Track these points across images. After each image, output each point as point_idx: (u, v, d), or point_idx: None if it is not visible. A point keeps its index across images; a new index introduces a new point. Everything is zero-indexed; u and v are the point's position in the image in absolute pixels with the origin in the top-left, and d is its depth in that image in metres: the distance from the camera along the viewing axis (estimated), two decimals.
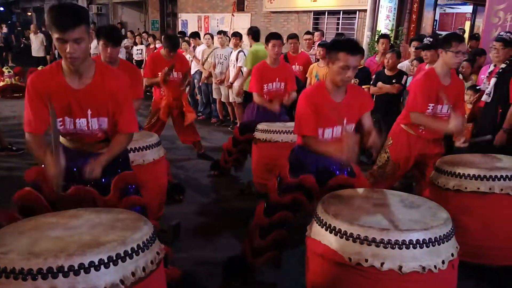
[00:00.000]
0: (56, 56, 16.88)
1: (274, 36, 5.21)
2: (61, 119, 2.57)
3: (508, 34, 4.74)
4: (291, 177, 3.18)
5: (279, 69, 5.27)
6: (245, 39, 8.69)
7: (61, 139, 2.73)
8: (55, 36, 2.35)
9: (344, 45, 2.97)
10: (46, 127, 2.58)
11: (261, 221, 3.22)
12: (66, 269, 1.80)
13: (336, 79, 3.00)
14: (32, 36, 16.80)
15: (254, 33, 7.95)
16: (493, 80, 4.75)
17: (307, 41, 8.24)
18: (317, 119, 3.08)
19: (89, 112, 2.59)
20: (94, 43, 7.23)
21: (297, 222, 3.25)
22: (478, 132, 4.87)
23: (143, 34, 14.30)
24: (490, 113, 4.78)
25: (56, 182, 2.41)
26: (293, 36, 7.80)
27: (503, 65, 4.72)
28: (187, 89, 6.79)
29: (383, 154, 4.17)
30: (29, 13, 32.44)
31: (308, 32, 8.79)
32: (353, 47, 2.95)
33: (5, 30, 19.28)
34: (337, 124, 3.14)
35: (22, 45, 18.85)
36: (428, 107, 3.79)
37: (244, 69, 8.23)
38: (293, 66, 7.32)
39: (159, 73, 5.83)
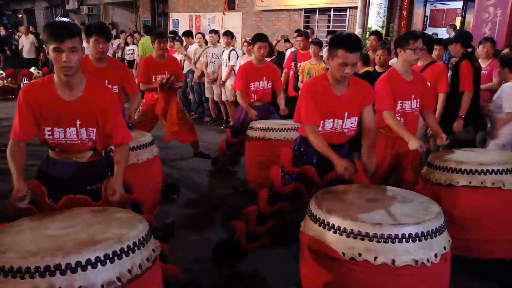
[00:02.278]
0: (48, 58, 16.84)
1: (260, 39, 5.32)
2: (49, 128, 2.68)
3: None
4: (294, 165, 3.29)
5: (265, 68, 5.38)
6: (237, 37, 8.69)
7: (50, 152, 2.83)
8: (51, 47, 2.49)
9: (343, 42, 3.00)
10: (30, 137, 2.70)
11: (264, 209, 3.33)
12: (63, 267, 1.83)
13: (336, 75, 3.06)
14: (23, 37, 16.71)
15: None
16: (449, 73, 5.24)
17: (299, 42, 7.94)
18: (318, 110, 3.12)
19: (78, 122, 2.68)
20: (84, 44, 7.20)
21: (291, 218, 3.29)
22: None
23: (135, 34, 14.27)
24: (451, 104, 5.17)
25: (15, 198, 2.45)
26: (302, 34, 7.77)
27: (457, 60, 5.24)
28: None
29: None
30: (20, 15, 32.28)
31: (299, 32, 8.48)
32: (351, 44, 2.98)
33: (3, 32, 19.09)
34: (337, 117, 3.17)
35: (14, 47, 18.69)
36: (397, 104, 3.84)
37: (237, 68, 8.25)
38: (299, 64, 7.32)
39: (153, 76, 5.84)
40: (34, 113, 2.63)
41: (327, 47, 3.24)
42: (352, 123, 3.24)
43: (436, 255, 2.39)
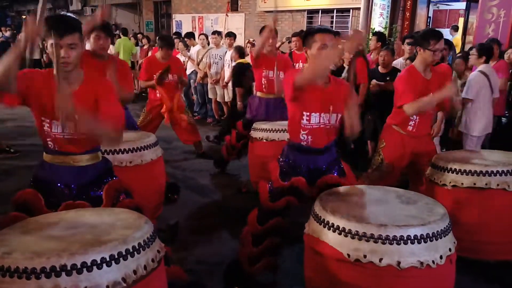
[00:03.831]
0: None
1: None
2: (48, 120, 2.62)
3: None
4: (282, 179, 3.14)
5: (277, 58, 5.39)
6: (240, 38, 8.69)
7: (46, 156, 2.74)
8: (50, 42, 2.45)
9: (316, 28, 3.09)
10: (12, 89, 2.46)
11: (255, 229, 3.16)
12: (69, 268, 1.82)
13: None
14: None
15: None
16: None
17: (295, 42, 7.77)
18: (304, 101, 3.06)
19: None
20: None
21: (292, 221, 3.27)
22: None
23: (138, 35, 14.29)
24: None
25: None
26: (298, 34, 7.78)
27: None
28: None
29: (377, 157, 4.17)
30: (24, 16, 32.32)
31: (295, 34, 8.16)
32: (325, 28, 3.06)
33: (7, 33, 19.12)
34: (323, 110, 3.10)
35: None
36: None
37: None
38: (297, 64, 7.32)
39: (154, 76, 5.85)
40: (29, 93, 2.53)
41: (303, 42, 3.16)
42: (337, 120, 3.15)
43: (441, 257, 2.38)
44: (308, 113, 3.10)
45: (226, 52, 8.69)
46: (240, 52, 8.14)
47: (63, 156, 2.70)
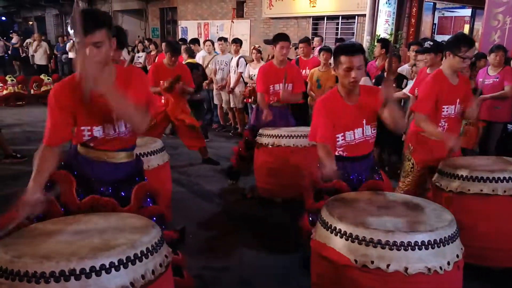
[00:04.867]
0: (58, 65, 16.96)
1: (283, 38, 5.12)
2: (89, 127, 2.52)
3: None
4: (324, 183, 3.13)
5: (285, 70, 5.12)
6: (245, 45, 8.73)
7: (80, 148, 2.64)
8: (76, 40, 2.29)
9: (343, 48, 3.10)
10: (64, 140, 2.52)
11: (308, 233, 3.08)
12: (78, 272, 1.84)
13: (344, 82, 3.07)
14: (35, 44, 16.87)
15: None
16: None
17: (302, 48, 7.97)
18: (334, 125, 3.11)
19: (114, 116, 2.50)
20: None
21: (299, 227, 3.28)
22: None
23: (146, 42, 14.37)
24: None
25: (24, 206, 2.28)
26: (305, 40, 7.79)
27: None
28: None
29: (407, 163, 4.03)
30: (31, 22, 32.54)
31: (302, 40, 8.31)
32: (352, 48, 3.07)
33: (15, 40, 19.26)
34: (355, 127, 3.15)
35: (24, 54, 18.91)
36: (443, 109, 3.75)
37: (245, 75, 8.31)
38: (304, 71, 7.32)
39: (161, 81, 5.88)
40: (69, 113, 2.44)
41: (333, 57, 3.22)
42: (373, 130, 3.20)
43: (449, 263, 2.37)
44: (342, 133, 3.15)
45: (232, 58, 8.73)
46: (189, 52, 8.50)
47: (99, 152, 2.62)
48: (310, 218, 3.16)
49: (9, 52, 19.12)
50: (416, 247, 2.33)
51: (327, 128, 3.09)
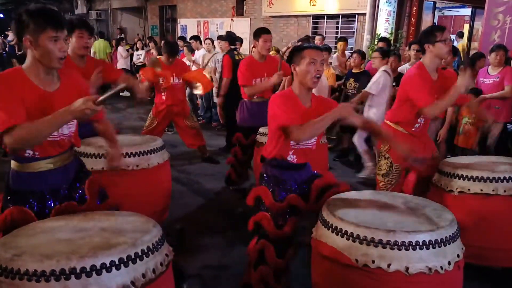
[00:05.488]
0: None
1: (264, 31, 5.11)
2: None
3: None
4: (277, 201, 3.01)
5: (266, 64, 5.12)
6: (245, 43, 8.72)
7: (16, 165, 2.52)
8: (48, 35, 2.30)
9: (305, 45, 3.08)
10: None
11: (277, 265, 2.98)
12: (78, 271, 1.83)
13: (306, 78, 2.95)
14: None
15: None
16: None
17: None
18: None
19: None
20: None
21: (299, 223, 3.26)
22: None
23: (147, 40, 14.39)
24: None
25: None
26: (305, 39, 7.79)
27: None
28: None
29: (384, 161, 3.95)
30: None
31: (302, 39, 8.19)
32: (315, 46, 3.08)
33: (11, 37, 19.18)
34: None
35: (22, 51, 18.83)
36: None
37: None
38: None
39: (160, 78, 5.90)
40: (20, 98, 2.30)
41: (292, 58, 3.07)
42: (321, 137, 3.13)
43: (449, 263, 2.37)
44: None
45: None
46: (189, 49, 9.49)
47: (44, 160, 2.51)
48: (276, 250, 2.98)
49: (6, 49, 19.05)
50: (417, 246, 2.32)
51: (289, 113, 2.92)
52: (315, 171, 3.23)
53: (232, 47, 8.06)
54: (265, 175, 3.16)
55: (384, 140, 3.45)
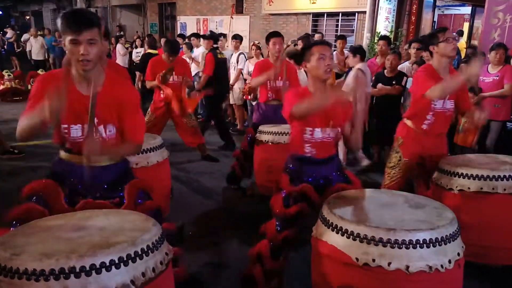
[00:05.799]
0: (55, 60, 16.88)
1: (273, 35, 5.29)
2: (66, 126, 2.52)
3: None
4: (292, 185, 3.12)
5: (281, 67, 5.20)
6: (244, 41, 8.73)
7: (62, 154, 2.68)
8: (68, 38, 2.35)
9: (314, 42, 3.20)
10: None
11: (275, 239, 3.06)
12: (77, 270, 1.81)
13: (319, 72, 3.07)
14: (32, 39, 16.80)
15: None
16: None
17: (302, 46, 7.97)
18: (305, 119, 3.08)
19: (95, 119, 2.54)
20: None
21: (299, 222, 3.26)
22: None
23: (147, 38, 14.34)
24: None
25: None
26: (304, 37, 7.79)
27: None
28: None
29: (394, 155, 4.08)
30: (27, 17, 32.45)
31: (301, 37, 8.33)
32: (321, 40, 3.15)
33: (9, 34, 19.15)
34: (324, 125, 3.12)
35: (21, 48, 18.82)
36: (435, 103, 3.76)
37: (244, 71, 8.29)
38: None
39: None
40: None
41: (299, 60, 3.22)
42: (338, 133, 3.18)
43: (450, 261, 2.36)
44: (311, 129, 3.13)
45: (231, 54, 8.70)
46: (151, 44, 9.70)
47: (79, 156, 2.52)
48: (278, 227, 3.07)
49: (5, 47, 19.03)
50: (418, 245, 2.31)
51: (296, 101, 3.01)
52: (346, 175, 3.30)
53: (215, 45, 8.17)
54: (287, 167, 3.29)
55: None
